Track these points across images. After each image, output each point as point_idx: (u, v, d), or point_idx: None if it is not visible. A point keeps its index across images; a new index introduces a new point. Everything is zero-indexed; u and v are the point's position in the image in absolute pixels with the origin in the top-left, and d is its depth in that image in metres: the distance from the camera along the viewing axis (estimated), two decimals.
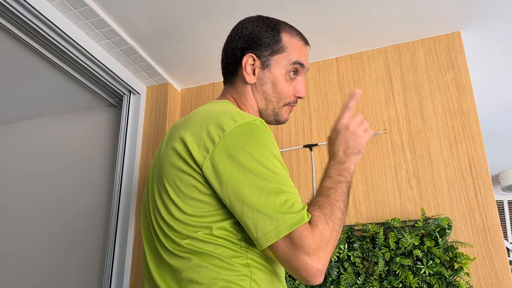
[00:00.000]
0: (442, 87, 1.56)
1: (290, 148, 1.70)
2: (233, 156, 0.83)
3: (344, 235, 1.44)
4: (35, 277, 2.01)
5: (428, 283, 1.30)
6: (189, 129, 0.90)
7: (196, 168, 0.86)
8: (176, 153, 0.90)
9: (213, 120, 0.88)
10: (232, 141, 0.84)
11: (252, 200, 0.80)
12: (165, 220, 0.92)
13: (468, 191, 1.41)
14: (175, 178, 0.90)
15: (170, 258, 0.91)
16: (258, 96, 1.04)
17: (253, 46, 1.04)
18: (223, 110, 0.93)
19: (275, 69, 1.03)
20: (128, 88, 1.91)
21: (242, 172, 0.82)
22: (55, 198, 2.11)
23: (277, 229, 0.78)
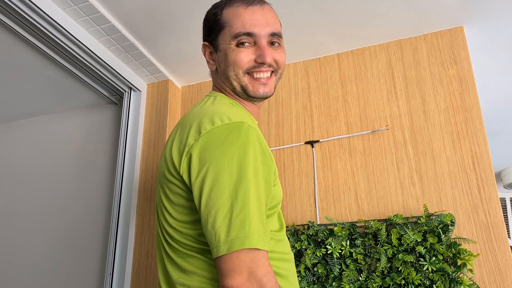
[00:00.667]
0: (445, 82, 1.54)
1: (291, 144, 1.69)
2: (205, 156, 0.82)
3: (346, 232, 1.43)
4: (37, 275, 2.01)
5: (431, 279, 1.29)
6: (177, 134, 0.91)
7: (176, 176, 0.87)
8: (165, 160, 0.91)
9: (195, 122, 0.88)
10: (204, 144, 0.83)
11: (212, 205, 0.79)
12: (164, 226, 0.93)
13: (471, 187, 1.40)
14: (165, 186, 0.91)
15: (171, 264, 0.92)
16: (223, 78, 1.02)
17: (206, 35, 1.05)
18: (209, 111, 0.92)
19: (222, 46, 1.00)
20: (129, 85, 1.90)
21: (212, 172, 0.80)
22: (56, 196, 2.10)
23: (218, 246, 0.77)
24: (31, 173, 2.21)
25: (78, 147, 2.15)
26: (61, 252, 2.00)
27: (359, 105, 1.64)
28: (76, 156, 2.14)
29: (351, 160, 1.58)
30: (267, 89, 1.00)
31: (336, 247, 1.41)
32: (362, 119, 1.62)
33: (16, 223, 2.15)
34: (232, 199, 0.78)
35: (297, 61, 1.81)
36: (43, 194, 2.14)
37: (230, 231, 0.76)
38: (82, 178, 2.08)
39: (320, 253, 1.43)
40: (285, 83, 1.79)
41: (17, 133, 2.35)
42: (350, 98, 1.66)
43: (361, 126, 1.61)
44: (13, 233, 2.13)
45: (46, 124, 2.29)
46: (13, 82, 1.99)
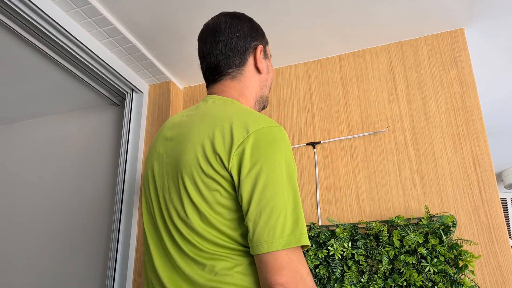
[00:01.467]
0: (446, 84, 1.55)
1: (293, 146, 1.69)
2: (259, 153, 0.85)
3: (348, 233, 1.43)
4: (39, 276, 2.02)
5: (432, 281, 1.30)
6: (213, 132, 0.91)
7: (221, 171, 0.87)
8: (204, 156, 0.90)
9: (237, 121, 0.90)
10: (255, 141, 0.86)
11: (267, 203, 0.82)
12: (187, 223, 0.92)
13: (472, 188, 1.40)
14: (199, 182, 0.90)
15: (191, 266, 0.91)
16: (261, 84, 1.10)
17: (257, 38, 1.10)
18: (242, 110, 0.95)
19: (269, 57, 1.12)
20: (131, 86, 1.91)
21: (266, 170, 0.84)
22: (58, 197, 2.11)
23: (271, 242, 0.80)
24: (34, 173, 2.22)
25: (80, 148, 2.16)
26: (63, 252, 2.00)
27: (360, 106, 1.65)
28: (78, 157, 2.14)
29: (353, 161, 1.59)
30: None
31: (338, 248, 1.42)
32: (363, 121, 1.62)
33: (17, 223, 2.15)
34: (286, 198, 0.83)
35: (298, 63, 1.81)
36: (45, 195, 2.14)
37: (286, 228, 0.81)
38: (84, 178, 2.09)
39: (322, 255, 1.44)
40: (287, 85, 1.80)
41: (20, 134, 2.35)
42: (351, 99, 1.67)
43: (362, 127, 1.61)
44: (15, 233, 2.14)
45: (49, 125, 2.30)
46: (16, 84, 2.00)
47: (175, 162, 0.96)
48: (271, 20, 1.54)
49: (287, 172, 0.86)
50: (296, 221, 0.82)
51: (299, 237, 0.81)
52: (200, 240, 0.89)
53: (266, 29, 1.58)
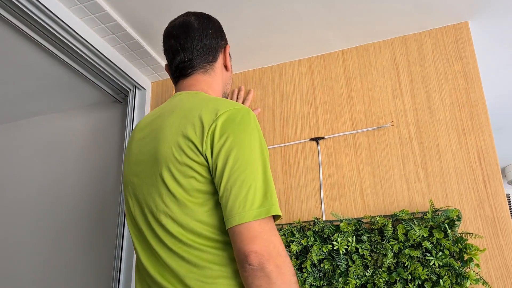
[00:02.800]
0: (450, 78, 1.54)
1: (296, 141, 1.69)
2: (228, 131, 0.89)
3: (352, 228, 1.43)
4: (44, 272, 2.02)
5: (437, 274, 1.29)
6: (183, 122, 0.95)
7: (195, 157, 0.91)
8: (178, 147, 0.93)
9: (205, 108, 0.95)
10: (223, 122, 0.91)
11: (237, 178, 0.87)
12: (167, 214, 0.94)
13: (477, 182, 1.40)
14: (174, 171, 0.93)
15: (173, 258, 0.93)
16: (226, 81, 1.18)
17: (224, 38, 1.19)
18: (209, 98, 1.01)
19: (229, 55, 1.19)
20: (134, 83, 1.91)
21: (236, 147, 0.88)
22: (63, 194, 2.11)
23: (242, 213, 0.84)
24: (37, 171, 2.22)
25: (83, 145, 2.16)
26: (68, 249, 2.01)
27: (363, 101, 1.64)
28: (81, 154, 2.15)
29: (356, 156, 1.58)
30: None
31: (342, 243, 1.41)
32: (367, 116, 1.62)
33: (22, 220, 2.16)
34: (256, 172, 0.87)
35: (301, 58, 1.81)
36: (49, 192, 2.15)
37: (256, 200, 0.85)
38: (88, 176, 2.09)
39: (327, 249, 1.43)
40: (290, 80, 1.80)
41: (24, 132, 2.36)
42: (355, 94, 1.67)
43: (366, 122, 1.61)
44: (20, 230, 2.15)
45: (52, 123, 2.30)
46: (19, 81, 2.00)
47: (150, 159, 0.99)
48: (274, 15, 1.53)
49: (257, 148, 0.90)
50: (265, 193, 0.86)
51: (268, 208, 0.84)
52: (181, 230, 0.92)
53: (269, 24, 1.58)
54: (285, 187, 1.65)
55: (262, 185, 0.86)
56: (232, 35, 1.64)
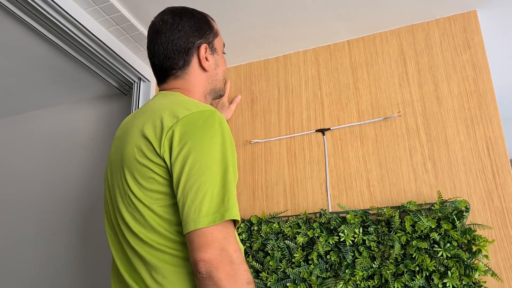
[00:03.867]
0: (458, 67, 1.52)
1: (302, 133, 1.68)
2: (187, 135, 0.88)
3: (359, 219, 1.42)
4: (50, 265, 2.03)
5: (445, 266, 1.28)
6: (146, 123, 0.95)
7: (154, 159, 0.90)
8: (138, 148, 0.94)
9: (167, 110, 0.93)
10: (184, 125, 0.89)
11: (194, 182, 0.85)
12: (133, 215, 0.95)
13: (485, 172, 1.38)
14: (135, 173, 0.94)
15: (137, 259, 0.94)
16: (209, 80, 1.12)
17: (201, 36, 1.11)
18: (177, 101, 0.98)
19: (219, 51, 1.15)
20: (138, 75, 1.90)
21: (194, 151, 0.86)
22: (67, 187, 2.11)
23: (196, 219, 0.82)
24: (43, 163, 2.23)
25: (88, 137, 2.16)
26: (72, 242, 2.01)
27: (370, 92, 1.62)
28: (86, 146, 2.15)
29: (363, 147, 1.57)
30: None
31: (349, 234, 1.40)
32: (373, 106, 1.60)
33: (28, 213, 2.17)
34: (214, 177, 0.85)
35: (307, 49, 1.79)
36: (54, 185, 2.15)
37: (212, 206, 0.83)
38: (93, 168, 2.09)
39: (333, 241, 1.43)
40: (295, 71, 1.78)
41: (28, 125, 2.36)
42: (361, 85, 1.65)
43: (373, 113, 1.59)
44: (23, 223, 2.15)
45: (57, 115, 2.30)
46: (23, 74, 1.99)
47: (119, 159, 1.00)
48: (280, 5, 1.52)
49: (218, 151, 0.88)
50: (223, 198, 0.84)
51: (223, 213, 0.82)
52: (143, 230, 0.92)
53: (274, 15, 1.56)
54: (291, 179, 1.64)
55: (220, 190, 0.85)
56: (237, 26, 1.62)
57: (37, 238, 2.10)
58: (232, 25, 1.61)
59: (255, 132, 1.76)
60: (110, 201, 1.03)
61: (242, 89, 1.85)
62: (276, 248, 1.50)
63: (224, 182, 0.86)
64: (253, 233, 1.57)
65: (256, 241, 1.54)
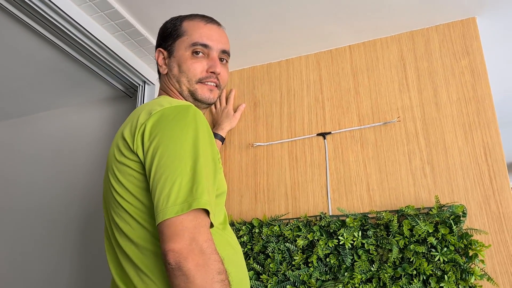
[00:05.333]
0: (457, 73, 1.54)
1: (303, 136, 1.70)
2: (157, 129, 0.89)
3: (358, 223, 1.45)
4: (58, 266, 2.06)
5: (442, 270, 1.31)
6: (127, 124, 0.99)
7: (129, 156, 0.93)
8: (117, 147, 0.98)
9: (144, 110, 0.97)
10: (155, 120, 0.91)
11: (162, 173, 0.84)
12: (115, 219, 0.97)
13: (483, 178, 1.40)
14: (115, 170, 0.97)
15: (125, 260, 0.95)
16: (173, 81, 1.14)
17: (161, 41, 1.17)
18: (155, 101, 1.01)
19: (177, 53, 1.13)
20: (143, 78, 1.93)
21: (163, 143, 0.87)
22: (73, 189, 2.15)
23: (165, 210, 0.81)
24: (49, 165, 2.26)
25: (94, 139, 2.20)
26: (79, 242, 2.05)
27: (370, 97, 1.65)
28: (92, 148, 2.18)
29: (363, 151, 1.59)
30: (212, 95, 1.14)
31: (348, 238, 1.43)
32: (373, 111, 1.63)
33: (34, 215, 2.20)
34: (183, 168, 0.84)
35: (309, 54, 1.82)
36: (60, 187, 2.19)
37: (180, 196, 0.81)
38: (98, 170, 2.13)
39: (332, 244, 1.45)
40: (297, 76, 1.80)
41: (34, 127, 2.40)
42: (362, 90, 1.67)
43: (373, 118, 1.62)
44: (30, 225, 2.19)
45: (62, 118, 2.34)
46: (31, 77, 2.03)
47: (107, 161, 1.05)
48: (282, 10, 1.54)
49: (189, 141, 0.87)
50: (191, 188, 0.82)
51: (191, 202, 0.80)
52: (129, 228, 0.93)
53: (277, 20, 1.59)
54: (292, 182, 1.66)
55: (189, 179, 0.83)
56: (240, 30, 1.65)
57: (43, 240, 2.13)
58: (235, 29, 1.64)
59: (257, 135, 1.79)
60: (104, 204, 1.06)
61: (245, 93, 1.88)
62: (277, 251, 1.53)
63: (194, 172, 0.84)
64: (254, 236, 1.60)
65: (257, 244, 1.57)
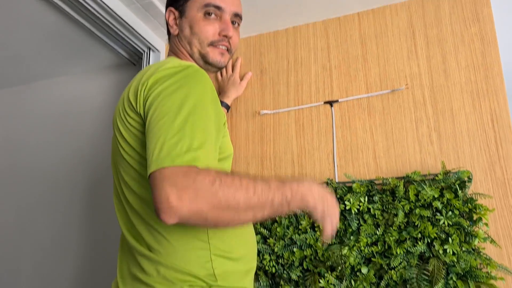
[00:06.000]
0: (467, 40, 1.54)
1: (310, 104, 1.71)
2: (157, 89, 0.88)
3: (364, 189, 1.47)
4: (63, 229, 2.10)
5: (446, 233, 1.34)
6: (132, 84, 0.99)
7: (133, 116, 0.94)
8: (122, 106, 0.98)
9: (149, 70, 0.97)
10: (157, 79, 0.90)
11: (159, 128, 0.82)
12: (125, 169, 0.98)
13: (489, 144, 1.42)
14: (121, 128, 0.98)
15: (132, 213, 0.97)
16: (184, 43, 1.14)
17: (172, 1, 1.16)
18: (161, 62, 1.00)
19: (189, 14, 1.12)
20: (148, 45, 1.91)
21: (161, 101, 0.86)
22: (77, 155, 2.16)
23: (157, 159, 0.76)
24: (53, 132, 2.27)
25: (98, 107, 2.19)
26: (83, 210, 2.07)
27: (379, 64, 1.64)
28: (96, 116, 2.18)
29: (370, 119, 1.60)
30: (223, 59, 1.13)
31: (354, 203, 1.46)
32: (381, 79, 1.63)
33: (38, 183, 2.22)
34: (170, 123, 0.81)
35: (317, 21, 1.80)
36: (64, 154, 2.20)
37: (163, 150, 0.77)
38: (103, 137, 2.13)
39: (339, 209, 1.48)
40: (304, 43, 1.79)
41: (39, 94, 2.39)
42: (370, 57, 1.67)
43: (381, 85, 1.62)
44: (35, 192, 2.21)
45: (67, 85, 2.33)
46: (34, 42, 2.01)
47: (114, 117, 1.05)
48: None
49: (183, 96, 0.85)
50: (176, 143, 0.77)
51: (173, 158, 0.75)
52: (139, 186, 0.95)
53: None
54: (299, 150, 1.68)
55: (175, 134, 0.79)
56: None
57: (49, 206, 2.16)
58: None
59: (264, 103, 1.79)
60: (113, 162, 1.07)
61: (252, 61, 1.87)
62: (284, 216, 1.56)
63: (181, 127, 0.80)
64: None
65: None
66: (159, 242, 0.92)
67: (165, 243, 0.91)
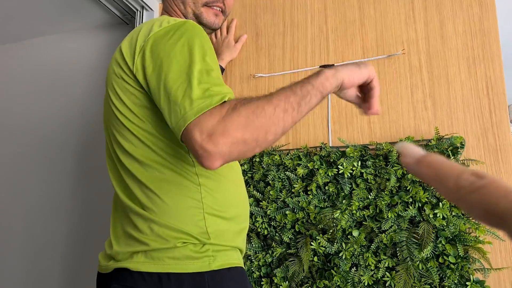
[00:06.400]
0: (465, 6, 1.52)
1: (306, 68, 1.69)
2: (158, 50, 0.88)
3: (358, 153, 1.48)
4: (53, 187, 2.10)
5: (437, 198, 1.36)
6: (125, 40, 0.98)
7: (130, 75, 0.92)
8: (117, 65, 0.96)
9: (144, 28, 0.95)
10: (154, 40, 0.89)
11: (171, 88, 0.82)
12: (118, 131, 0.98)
13: (483, 111, 1.43)
14: (114, 84, 0.96)
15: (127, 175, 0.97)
16: (178, 3, 1.14)
17: None
18: (155, 20, 0.99)
19: None
20: (141, 3, 1.86)
21: (166, 61, 0.86)
22: (68, 116, 2.14)
23: (184, 116, 0.78)
24: (43, 91, 2.23)
25: (90, 67, 2.15)
26: (73, 169, 2.07)
27: (376, 29, 1.62)
28: (88, 75, 2.15)
29: None
30: (217, 20, 1.14)
31: (347, 167, 1.47)
32: (378, 44, 1.61)
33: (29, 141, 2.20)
34: (189, 75, 0.82)
35: None
36: (55, 113, 2.17)
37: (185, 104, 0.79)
38: (95, 96, 2.11)
39: (332, 173, 1.49)
40: (301, 5, 1.76)
41: (29, 52, 2.33)
42: (367, 21, 1.64)
43: (377, 50, 1.60)
44: (25, 150, 2.19)
45: (58, 44, 2.27)
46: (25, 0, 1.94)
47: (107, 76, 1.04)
48: None
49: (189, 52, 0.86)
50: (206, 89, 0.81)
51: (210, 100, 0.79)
52: (134, 147, 0.94)
53: None
54: None
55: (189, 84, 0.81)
56: None
57: (40, 165, 2.15)
58: None
59: (259, 66, 1.77)
60: (105, 122, 1.06)
61: (247, 22, 1.83)
62: (277, 179, 1.57)
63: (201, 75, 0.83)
64: (254, 164, 1.63)
65: (257, 172, 1.61)
66: (153, 200, 0.93)
67: (159, 201, 0.92)
